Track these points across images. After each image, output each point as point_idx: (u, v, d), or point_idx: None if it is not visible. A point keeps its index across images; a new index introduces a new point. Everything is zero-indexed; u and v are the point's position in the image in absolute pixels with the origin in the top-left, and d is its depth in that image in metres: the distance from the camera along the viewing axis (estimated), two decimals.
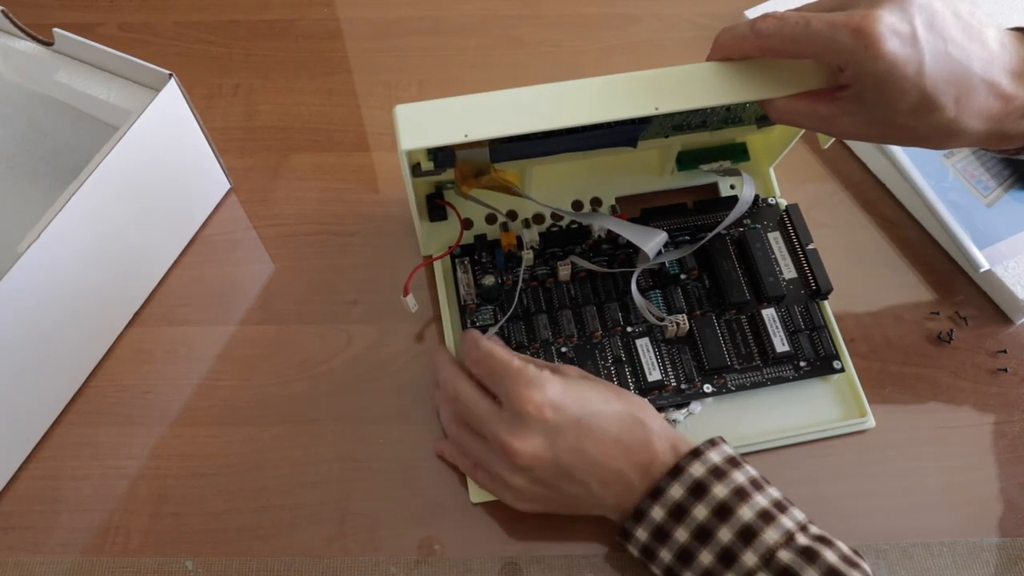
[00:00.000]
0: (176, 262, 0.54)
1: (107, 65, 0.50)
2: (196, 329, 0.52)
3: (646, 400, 0.43)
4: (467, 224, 0.53)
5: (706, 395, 0.47)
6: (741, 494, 0.38)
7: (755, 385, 0.48)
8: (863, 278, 0.53)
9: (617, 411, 0.40)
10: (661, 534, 0.39)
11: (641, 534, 0.39)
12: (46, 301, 0.44)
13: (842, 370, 0.48)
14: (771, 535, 0.36)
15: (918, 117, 0.37)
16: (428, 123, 0.39)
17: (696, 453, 0.39)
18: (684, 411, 0.47)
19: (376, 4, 0.66)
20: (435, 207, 0.52)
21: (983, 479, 0.47)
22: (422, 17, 0.65)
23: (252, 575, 0.44)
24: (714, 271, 0.51)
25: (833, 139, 0.47)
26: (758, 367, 0.48)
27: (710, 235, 0.51)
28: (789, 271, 0.51)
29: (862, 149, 0.58)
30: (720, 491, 0.38)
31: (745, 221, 0.53)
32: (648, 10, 0.65)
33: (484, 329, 0.48)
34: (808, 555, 0.36)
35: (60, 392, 0.49)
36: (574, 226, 0.53)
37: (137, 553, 0.45)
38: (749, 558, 0.36)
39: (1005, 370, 0.50)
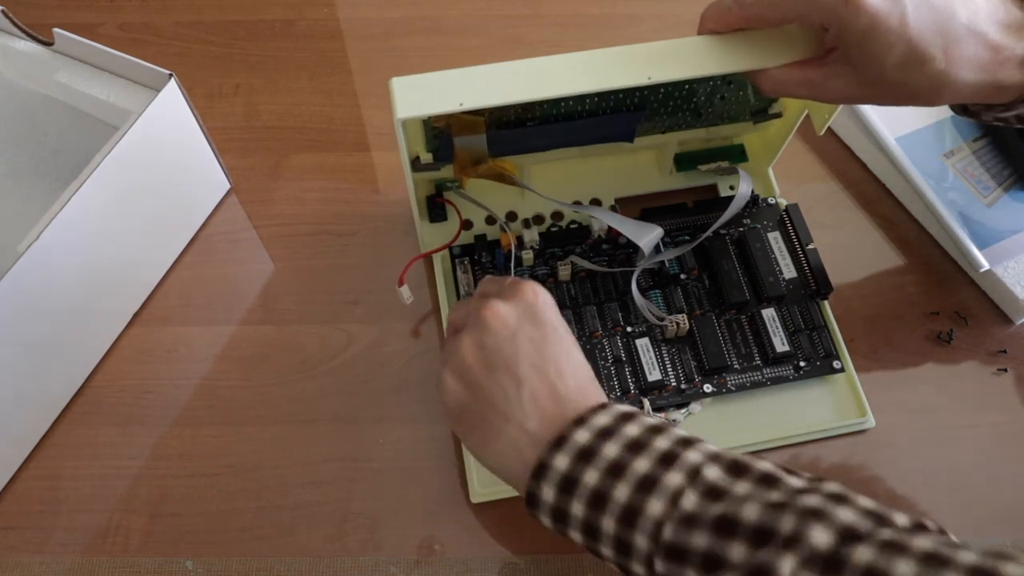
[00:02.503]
0: (176, 262, 0.54)
1: (107, 65, 0.50)
2: (196, 329, 0.52)
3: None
4: (467, 224, 0.53)
5: (706, 395, 0.47)
6: (655, 429, 0.34)
7: (755, 385, 0.48)
8: (863, 278, 0.54)
9: (584, 360, 0.38)
10: (568, 483, 0.33)
11: (548, 492, 0.34)
12: (46, 301, 0.44)
13: (842, 370, 0.48)
14: (693, 456, 0.33)
15: (908, 70, 0.36)
16: (424, 93, 0.39)
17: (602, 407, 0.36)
18: (684, 411, 0.47)
19: (376, 4, 0.66)
20: (435, 208, 0.53)
21: (983, 479, 0.47)
22: (422, 17, 0.65)
23: (252, 575, 0.44)
24: (714, 271, 0.51)
25: (828, 124, 0.47)
26: (758, 367, 0.48)
27: (709, 231, 0.51)
28: (789, 271, 0.51)
29: (862, 149, 0.58)
30: (632, 430, 0.34)
31: (745, 221, 0.53)
32: (648, 10, 0.65)
33: None
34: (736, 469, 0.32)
35: (60, 392, 0.49)
36: (574, 226, 0.53)
37: (137, 553, 0.45)
38: (673, 478, 0.32)
39: (1005, 370, 0.50)
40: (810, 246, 0.51)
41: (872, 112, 0.56)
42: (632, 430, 0.34)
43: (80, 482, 0.47)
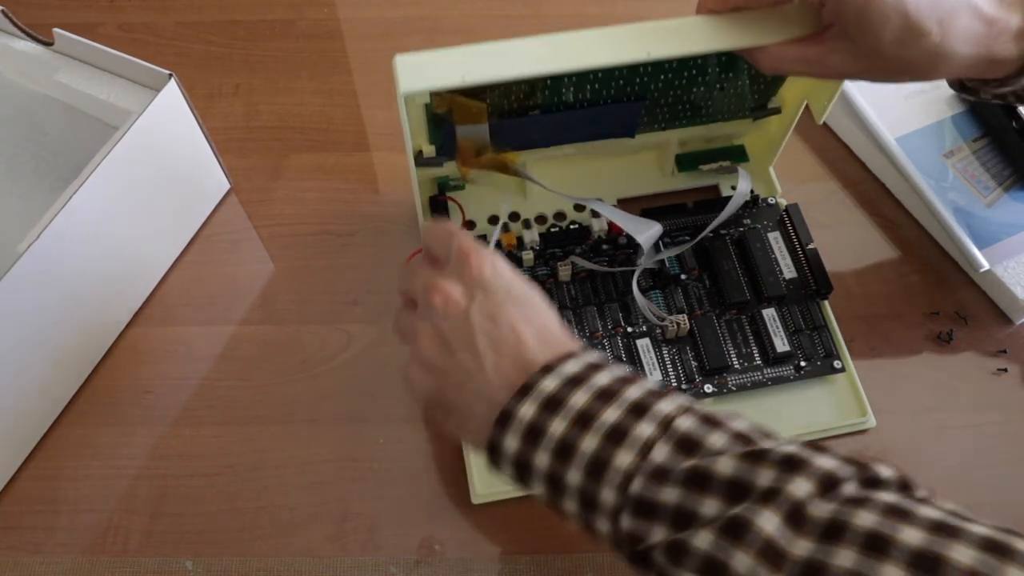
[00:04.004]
0: (176, 262, 0.54)
1: (107, 65, 0.50)
2: (196, 329, 0.52)
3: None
4: (469, 225, 0.53)
5: (707, 395, 0.47)
6: (626, 380, 0.33)
7: (756, 385, 0.48)
8: (863, 278, 0.54)
9: (548, 312, 0.36)
10: (534, 432, 0.32)
11: (511, 442, 0.33)
12: (46, 301, 0.44)
13: (842, 370, 0.48)
14: (665, 406, 0.32)
15: (904, 44, 0.37)
16: (427, 69, 0.39)
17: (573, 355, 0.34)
18: None
19: (376, 4, 0.66)
20: (438, 207, 0.53)
21: (983, 479, 0.47)
22: (422, 17, 0.65)
23: (252, 575, 0.44)
24: (714, 271, 0.51)
25: (828, 111, 0.47)
26: (759, 367, 0.48)
27: (709, 228, 0.51)
28: (789, 271, 0.51)
29: (862, 149, 0.58)
30: (602, 379, 0.33)
31: (745, 221, 0.53)
32: (648, 11, 0.65)
33: None
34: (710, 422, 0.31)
35: (60, 392, 0.49)
36: (574, 226, 0.53)
37: (137, 553, 0.45)
38: (644, 429, 0.31)
39: (1005, 370, 0.50)
40: (810, 246, 0.51)
41: (872, 112, 0.56)
42: (602, 379, 0.33)
43: (80, 482, 0.47)
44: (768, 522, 0.28)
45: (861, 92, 0.57)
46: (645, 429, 0.31)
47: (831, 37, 0.39)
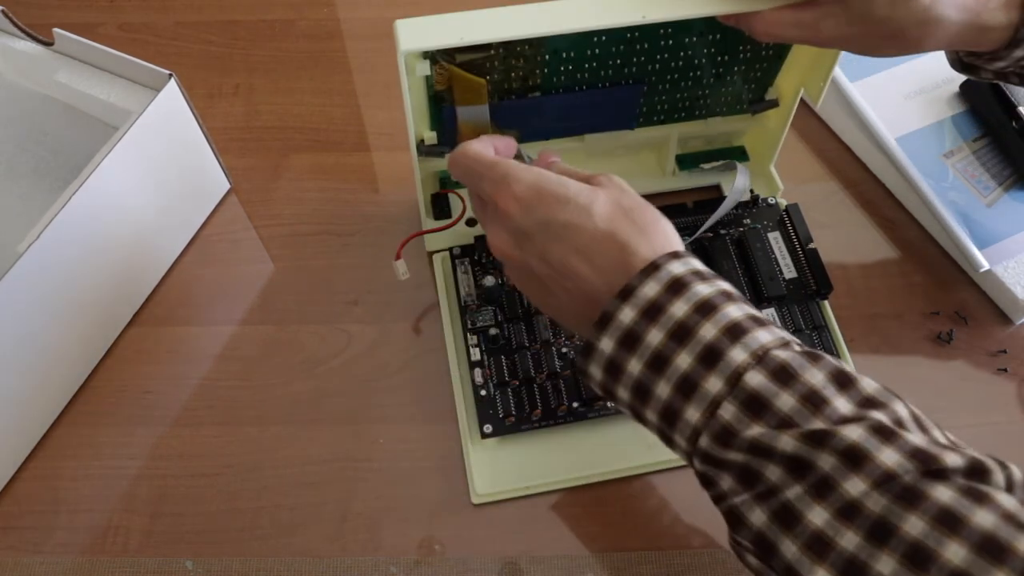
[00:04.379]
0: (176, 262, 0.54)
1: (107, 65, 0.50)
2: (196, 329, 0.52)
3: (645, 205, 0.36)
4: (470, 222, 0.53)
5: None
6: (727, 294, 0.33)
7: None
8: (863, 278, 0.53)
9: (595, 228, 0.34)
10: (630, 339, 0.32)
11: (607, 344, 0.33)
12: (46, 301, 0.44)
13: None
14: (763, 336, 0.31)
15: (895, 6, 0.37)
16: (426, 30, 0.40)
17: (656, 266, 0.33)
18: None
19: (376, 4, 0.66)
20: (440, 205, 0.53)
21: None
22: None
23: (252, 575, 0.44)
24: (714, 271, 0.50)
25: (824, 93, 0.47)
26: None
27: (709, 222, 0.51)
28: (789, 271, 0.51)
29: (862, 149, 0.58)
30: (703, 289, 0.33)
31: (745, 221, 0.53)
32: None
33: (484, 330, 0.48)
34: (811, 357, 0.31)
35: (60, 392, 0.49)
36: None
37: (137, 553, 0.45)
38: (738, 354, 0.30)
39: (1005, 370, 0.50)
40: (810, 246, 0.51)
41: (872, 112, 0.56)
42: (703, 289, 0.32)
43: (80, 482, 0.47)
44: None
45: (861, 92, 0.57)
46: (739, 355, 0.30)
47: (825, 2, 0.39)
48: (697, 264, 0.34)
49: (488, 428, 0.46)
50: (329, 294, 0.53)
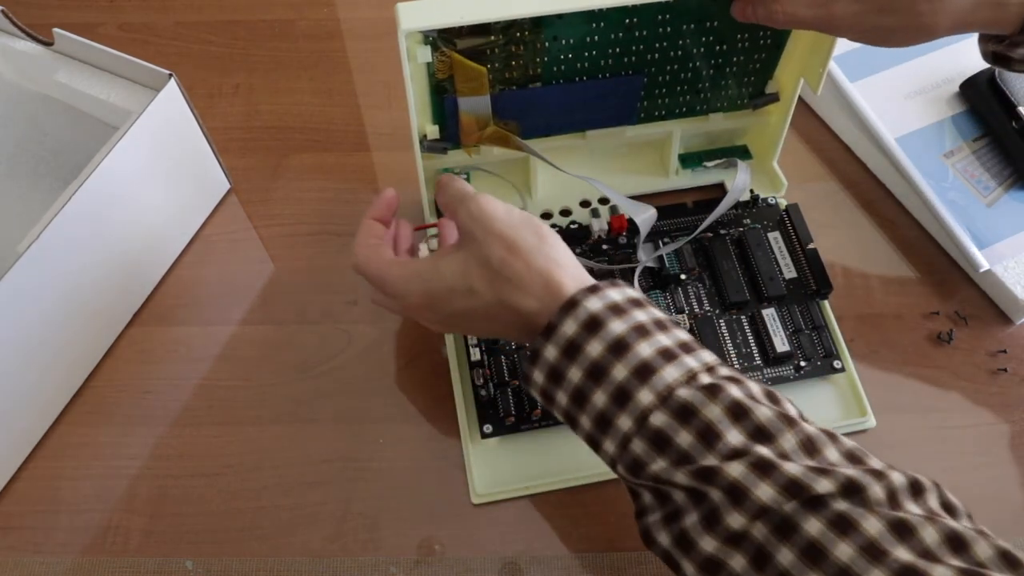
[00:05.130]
0: (176, 262, 0.54)
1: (107, 65, 0.51)
2: (196, 329, 0.52)
3: (513, 250, 0.36)
4: None
5: None
6: (640, 331, 0.34)
7: None
8: (863, 278, 0.54)
9: (486, 303, 0.37)
10: (556, 375, 0.35)
11: (538, 376, 0.35)
12: (46, 301, 0.44)
13: (842, 370, 0.48)
14: (671, 373, 0.33)
15: None
16: (427, 11, 0.41)
17: (593, 289, 0.35)
18: None
19: (376, 4, 0.66)
20: None
21: (983, 479, 0.47)
22: None
23: (252, 575, 0.44)
24: (714, 271, 0.51)
25: (823, 79, 0.47)
26: (759, 367, 0.48)
27: (709, 219, 0.51)
28: (789, 271, 0.51)
29: (862, 149, 0.58)
30: (617, 327, 0.34)
31: (745, 221, 0.53)
32: None
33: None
34: (711, 391, 0.32)
35: (60, 392, 0.49)
36: (574, 226, 0.53)
37: (137, 553, 0.45)
38: (645, 396, 0.32)
39: (1005, 370, 0.50)
40: (810, 246, 0.51)
41: (872, 112, 0.56)
42: (617, 327, 0.34)
43: (80, 482, 0.47)
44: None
45: (861, 92, 0.57)
46: (646, 396, 0.32)
47: None
48: (613, 295, 0.35)
49: (488, 428, 0.46)
50: (329, 294, 0.53)
